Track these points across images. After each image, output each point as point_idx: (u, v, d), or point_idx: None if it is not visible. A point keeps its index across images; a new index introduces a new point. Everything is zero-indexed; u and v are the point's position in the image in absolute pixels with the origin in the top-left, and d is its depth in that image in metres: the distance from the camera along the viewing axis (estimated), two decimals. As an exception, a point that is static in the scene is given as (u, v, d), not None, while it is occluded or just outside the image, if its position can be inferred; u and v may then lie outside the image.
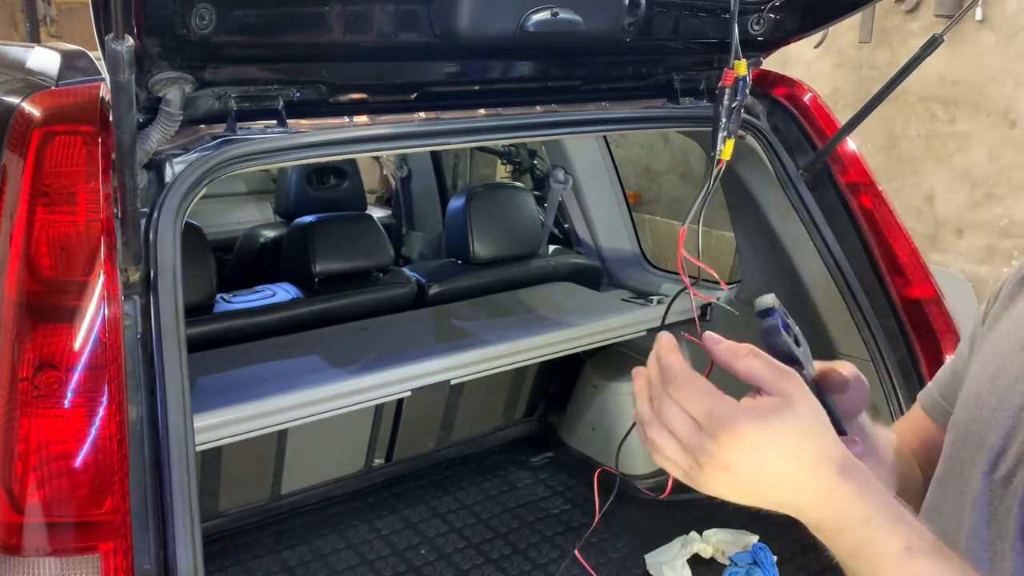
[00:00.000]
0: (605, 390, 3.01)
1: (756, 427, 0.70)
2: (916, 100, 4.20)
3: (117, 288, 1.25)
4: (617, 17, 1.63)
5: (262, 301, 2.61)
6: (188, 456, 1.27)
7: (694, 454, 0.72)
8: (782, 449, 0.71)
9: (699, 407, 0.71)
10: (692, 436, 0.72)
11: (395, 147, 1.85)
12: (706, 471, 0.72)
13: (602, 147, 3.18)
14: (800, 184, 2.11)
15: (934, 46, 1.74)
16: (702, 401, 0.72)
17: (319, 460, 2.74)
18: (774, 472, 0.71)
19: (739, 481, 0.72)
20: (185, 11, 1.28)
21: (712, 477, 0.72)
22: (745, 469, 0.71)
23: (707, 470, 0.71)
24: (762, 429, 0.70)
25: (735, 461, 0.70)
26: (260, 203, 4.54)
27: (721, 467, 0.71)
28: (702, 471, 0.72)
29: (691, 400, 0.72)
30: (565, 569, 2.56)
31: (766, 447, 0.70)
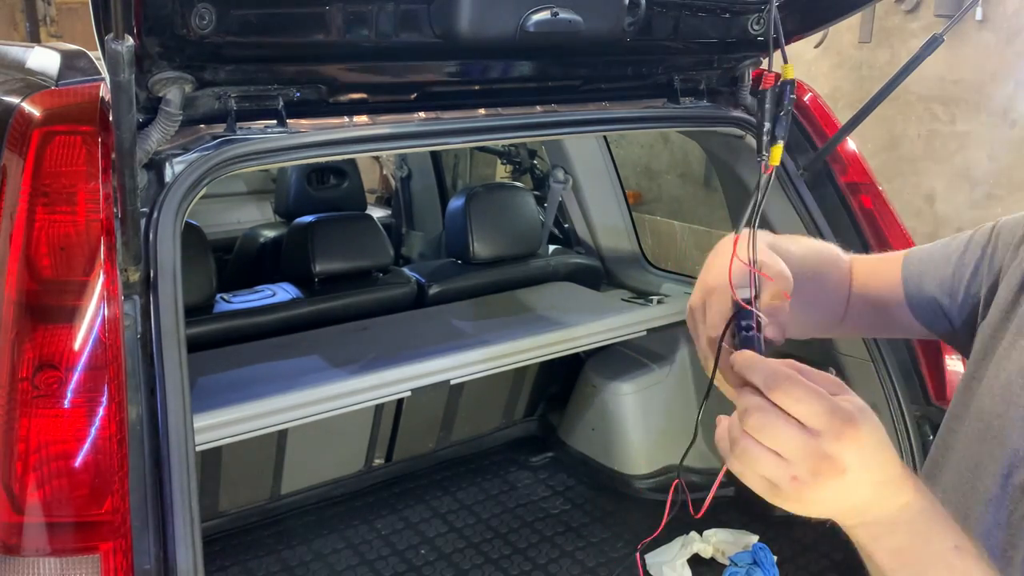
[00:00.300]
0: (605, 390, 3.01)
1: (870, 423, 0.68)
2: (916, 100, 4.20)
3: (117, 288, 1.25)
4: (617, 17, 1.63)
5: (262, 301, 2.61)
6: (188, 456, 1.27)
7: (809, 462, 0.67)
8: (884, 447, 0.69)
9: (817, 407, 0.67)
10: (807, 443, 0.67)
11: (395, 147, 1.85)
12: (821, 479, 0.67)
13: (602, 147, 3.18)
14: (800, 184, 2.11)
15: (934, 46, 1.74)
16: (819, 401, 0.67)
17: (319, 460, 2.74)
18: (874, 473, 0.69)
19: (846, 486, 0.68)
20: (185, 11, 1.28)
21: (823, 486, 0.67)
22: (857, 471, 0.67)
23: (822, 477, 0.67)
24: (877, 427, 0.69)
25: (853, 462, 0.67)
26: (260, 203, 4.54)
27: (839, 471, 0.67)
28: (815, 480, 0.67)
29: (805, 402, 0.67)
30: (565, 569, 2.57)
31: (876, 446, 0.68)
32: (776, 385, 0.68)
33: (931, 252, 1.11)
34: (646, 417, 2.96)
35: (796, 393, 0.68)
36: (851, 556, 1.10)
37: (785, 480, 0.68)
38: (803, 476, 0.67)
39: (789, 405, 0.67)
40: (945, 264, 1.08)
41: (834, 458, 0.66)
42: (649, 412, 2.96)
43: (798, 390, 0.68)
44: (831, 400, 0.68)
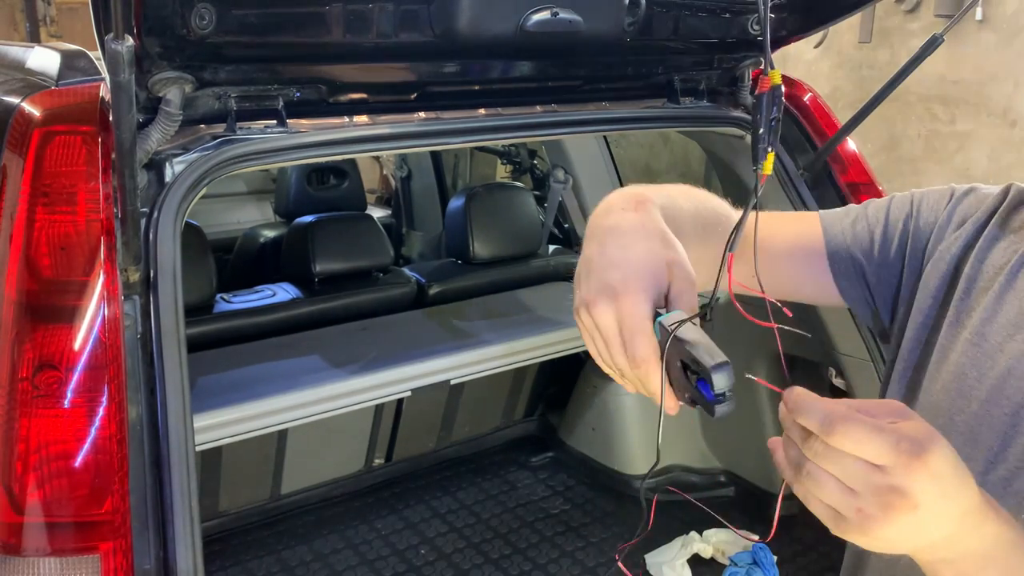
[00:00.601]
0: (605, 390, 3.01)
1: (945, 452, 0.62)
2: (916, 100, 4.19)
3: (117, 288, 1.25)
4: (617, 17, 1.63)
5: (262, 301, 2.61)
6: (188, 456, 1.27)
7: (879, 496, 0.61)
8: (959, 475, 0.63)
9: (880, 445, 0.61)
10: (874, 475, 0.61)
11: (395, 147, 1.85)
12: (893, 514, 0.61)
13: (602, 147, 3.18)
14: (800, 184, 2.11)
15: (934, 46, 1.74)
16: (882, 436, 0.61)
17: (319, 460, 2.74)
18: (952, 505, 0.63)
19: (921, 522, 0.62)
20: (185, 11, 1.28)
21: (894, 521, 0.61)
22: (932, 505, 0.61)
23: (893, 512, 0.61)
24: (949, 454, 0.62)
25: (927, 496, 0.61)
26: (260, 203, 4.54)
27: (911, 506, 0.61)
28: (885, 515, 0.61)
29: (867, 443, 0.61)
30: (565, 569, 2.57)
31: (951, 476, 0.62)
32: (833, 429, 0.62)
33: (847, 211, 1.06)
34: (646, 417, 2.96)
35: (856, 435, 0.61)
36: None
37: (851, 511, 0.62)
38: (871, 509, 0.61)
39: (851, 449, 0.61)
40: (864, 225, 1.03)
41: (906, 492, 0.61)
42: (649, 412, 2.96)
43: (858, 431, 0.61)
44: (895, 431, 0.61)
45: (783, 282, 1.05)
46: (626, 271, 0.77)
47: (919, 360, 0.96)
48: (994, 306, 0.88)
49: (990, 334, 0.87)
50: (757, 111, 0.74)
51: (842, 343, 2.20)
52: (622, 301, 0.75)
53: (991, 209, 0.95)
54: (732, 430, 2.80)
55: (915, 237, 0.99)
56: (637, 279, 0.76)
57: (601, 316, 0.76)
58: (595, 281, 0.78)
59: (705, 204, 0.99)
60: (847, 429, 0.61)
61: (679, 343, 0.71)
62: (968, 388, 0.87)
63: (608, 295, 0.76)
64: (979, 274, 0.92)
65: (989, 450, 0.83)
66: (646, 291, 0.76)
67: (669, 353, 0.73)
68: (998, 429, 0.83)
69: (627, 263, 0.77)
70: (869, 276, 1.02)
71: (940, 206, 0.99)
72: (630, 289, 0.75)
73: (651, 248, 0.79)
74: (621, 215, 0.83)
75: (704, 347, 0.70)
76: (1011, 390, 0.83)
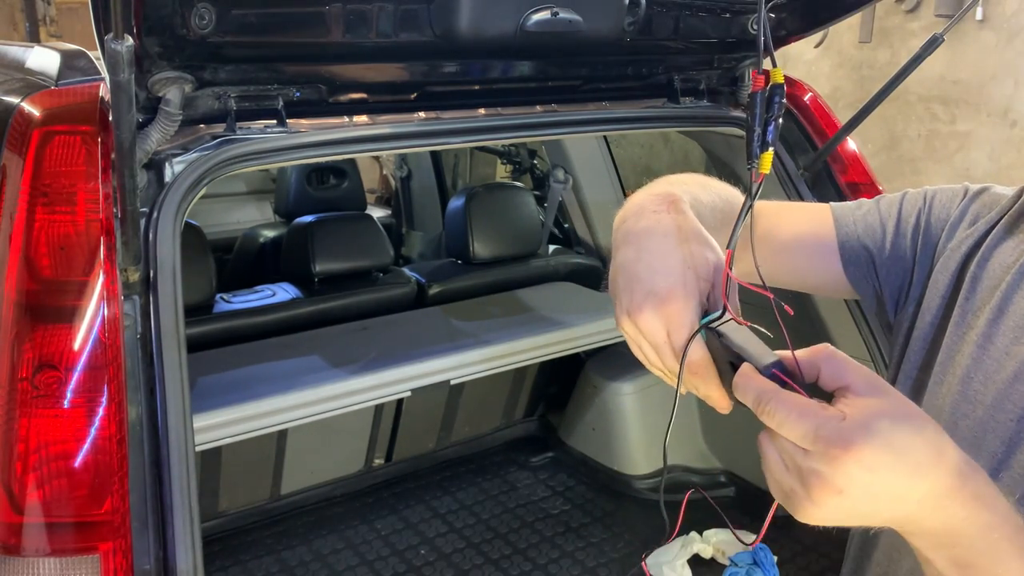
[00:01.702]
0: (605, 390, 3.01)
1: (873, 444, 0.60)
2: (916, 100, 4.19)
3: (117, 288, 1.25)
4: (617, 17, 1.63)
5: (262, 301, 2.61)
6: (188, 456, 1.27)
7: (803, 478, 0.62)
8: (898, 460, 0.61)
9: (799, 430, 0.61)
10: (797, 458, 0.62)
11: (395, 147, 1.85)
12: (815, 496, 0.61)
13: (602, 147, 3.18)
14: (800, 184, 2.11)
15: (934, 46, 1.74)
16: (800, 423, 0.61)
17: (319, 460, 2.74)
18: (892, 487, 0.61)
19: (852, 504, 0.62)
20: (185, 11, 1.28)
21: (821, 503, 0.62)
22: (861, 490, 0.61)
23: (817, 494, 0.61)
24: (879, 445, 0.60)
25: (850, 483, 0.60)
26: (260, 203, 4.54)
27: (834, 491, 0.61)
28: (809, 497, 0.62)
29: (788, 426, 0.62)
30: (565, 569, 2.56)
31: (884, 464, 0.60)
32: (762, 408, 0.63)
33: (860, 203, 1.07)
34: (646, 417, 2.96)
35: (779, 417, 0.62)
36: (851, 556, 1.10)
37: (787, 487, 0.64)
38: (799, 490, 0.62)
39: (776, 429, 0.63)
40: (876, 217, 1.03)
41: (825, 477, 0.61)
42: (649, 412, 2.96)
43: (780, 413, 0.62)
44: (819, 416, 0.61)
45: (791, 270, 1.05)
46: (669, 277, 0.76)
47: (925, 360, 0.95)
48: (1000, 307, 0.87)
49: (996, 337, 0.86)
50: (751, 109, 0.73)
51: (842, 343, 2.20)
52: (669, 308, 0.75)
53: (1004, 210, 0.94)
54: (732, 430, 2.80)
55: (926, 233, 0.99)
56: (681, 284, 0.75)
57: (648, 324, 0.76)
58: (639, 288, 0.77)
59: (720, 195, 0.99)
60: (772, 409, 0.62)
61: (729, 344, 0.71)
62: (974, 392, 0.86)
63: (653, 303, 0.75)
64: (985, 273, 0.91)
65: (993, 456, 0.82)
66: (691, 296, 0.75)
67: (718, 355, 0.73)
68: (1003, 435, 0.82)
69: (669, 269, 0.76)
70: (879, 268, 1.02)
71: (953, 203, 0.99)
72: (676, 296, 0.75)
73: (693, 251, 0.78)
74: (655, 217, 0.82)
75: (755, 345, 0.70)
76: (1017, 395, 0.82)
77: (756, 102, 0.72)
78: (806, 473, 0.61)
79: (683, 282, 0.75)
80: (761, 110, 0.72)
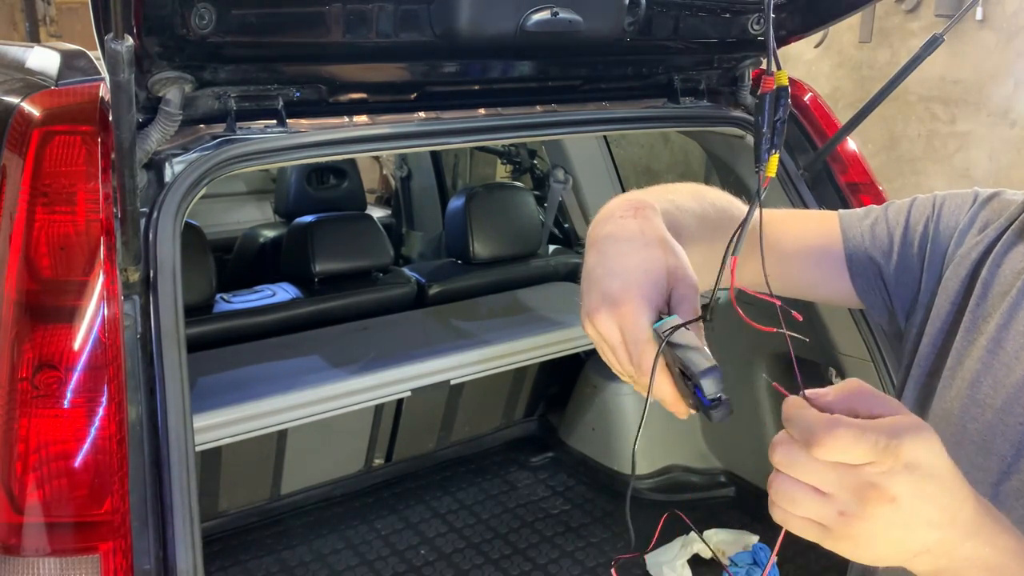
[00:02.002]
0: (605, 390, 3.01)
1: (920, 442, 0.60)
2: (916, 100, 4.19)
3: (117, 288, 1.25)
4: (617, 17, 1.63)
5: (262, 301, 2.61)
6: (188, 456, 1.27)
7: (853, 491, 0.60)
8: (940, 465, 0.61)
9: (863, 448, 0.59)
10: (847, 472, 0.60)
11: (395, 147, 1.85)
12: (870, 507, 0.59)
13: (602, 147, 3.18)
14: (800, 184, 2.11)
15: (934, 46, 1.74)
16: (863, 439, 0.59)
17: (319, 460, 2.74)
18: (935, 499, 0.61)
19: (901, 517, 0.60)
20: (185, 11, 1.28)
21: (874, 516, 0.60)
22: (909, 493, 0.59)
23: (870, 505, 0.59)
24: (925, 444, 0.60)
25: (901, 485, 0.59)
26: (260, 203, 4.54)
27: (887, 498, 0.59)
28: (863, 510, 0.60)
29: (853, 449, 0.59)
30: (565, 569, 2.57)
31: (932, 463, 0.60)
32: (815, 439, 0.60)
33: (868, 211, 1.05)
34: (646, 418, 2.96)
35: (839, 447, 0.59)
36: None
37: (831, 517, 0.60)
38: (850, 508, 0.60)
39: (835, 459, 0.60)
40: (883, 227, 1.02)
41: (878, 485, 0.59)
42: (649, 412, 2.96)
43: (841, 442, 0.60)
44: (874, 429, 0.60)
45: (797, 281, 1.05)
46: (625, 279, 0.76)
47: (934, 365, 0.95)
48: (1011, 312, 0.87)
49: (1006, 341, 0.86)
50: (760, 112, 0.73)
51: (842, 343, 2.20)
52: (623, 310, 0.75)
53: (1013, 216, 0.93)
54: (732, 430, 2.80)
55: (935, 240, 0.98)
56: (636, 287, 0.76)
57: (603, 326, 0.76)
58: (596, 291, 0.77)
59: (714, 203, 0.99)
60: (830, 441, 0.60)
61: (675, 349, 0.71)
62: (983, 396, 0.86)
63: (609, 304, 0.76)
64: (995, 279, 0.90)
65: (1002, 460, 0.82)
66: (646, 298, 0.75)
67: (669, 359, 0.73)
68: (1012, 439, 0.82)
69: (626, 271, 0.77)
70: (887, 278, 1.01)
71: (962, 210, 0.98)
72: (630, 297, 0.75)
73: (651, 255, 0.78)
74: (620, 223, 0.82)
75: (695, 352, 0.70)
76: None
77: (765, 105, 0.72)
78: (857, 487, 0.60)
79: (638, 285, 0.76)
80: (770, 113, 0.72)
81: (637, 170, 5.67)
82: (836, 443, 0.59)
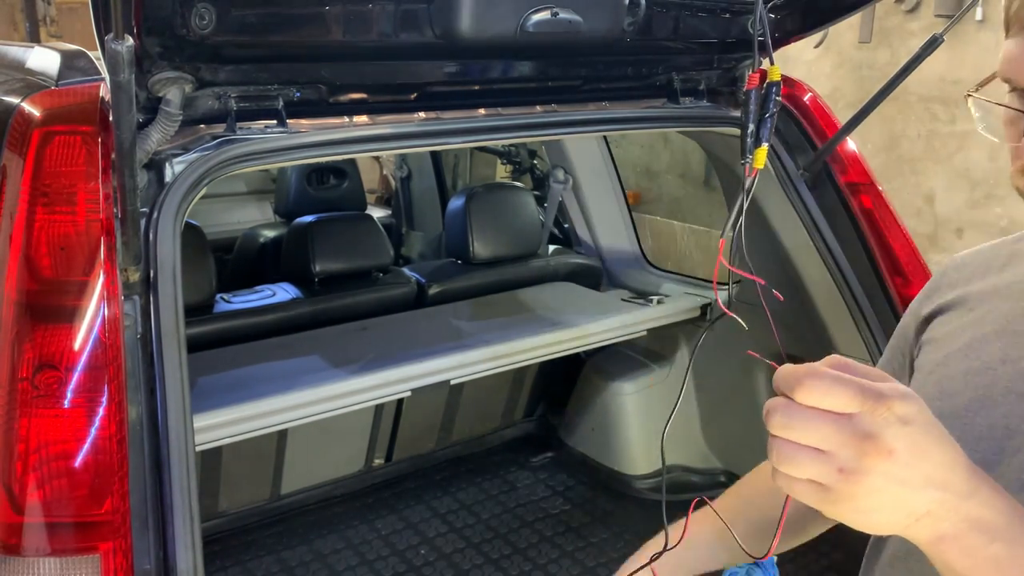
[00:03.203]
0: (605, 390, 3.01)
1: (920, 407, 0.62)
2: (916, 100, 4.19)
3: (117, 288, 1.25)
4: (617, 17, 1.63)
5: (262, 301, 2.61)
6: (188, 456, 1.27)
7: (851, 445, 0.61)
8: (931, 424, 0.62)
9: (847, 393, 0.61)
10: (843, 425, 0.61)
11: (395, 147, 1.85)
12: (869, 460, 0.60)
13: (602, 147, 3.18)
14: (800, 184, 2.11)
15: (934, 46, 1.74)
16: (848, 385, 0.61)
17: (319, 460, 2.74)
18: (932, 455, 0.62)
19: (901, 471, 0.61)
20: (185, 11, 1.28)
21: (874, 470, 0.60)
22: (906, 447, 0.60)
23: (869, 458, 0.60)
24: (924, 410, 0.62)
25: (900, 441, 0.60)
26: (260, 203, 4.54)
27: (886, 451, 0.60)
28: (862, 464, 0.60)
29: (833, 392, 0.61)
30: (565, 569, 2.57)
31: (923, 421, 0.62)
32: (798, 384, 0.62)
33: None
34: (646, 417, 2.96)
35: (821, 386, 0.61)
36: (851, 556, 1.10)
37: (832, 475, 0.61)
38: (849, 463, 0.60)
39: (818, 402, 0.61)
40: None
41: (876, 435, 0.60)
42: (649, 412, 2.96)
43: (822, 381, 0.61)
44: (860, 381, 0.61)
45: None
46: None
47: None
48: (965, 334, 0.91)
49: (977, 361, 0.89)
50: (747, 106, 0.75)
51: (842, 343, 2.20)
52: None
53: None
54: (732, 430, 2.80)
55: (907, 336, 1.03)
56: None
57: None
58: None
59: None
60: (811, 382, 0.61)
61: None
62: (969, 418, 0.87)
63: None
64: None
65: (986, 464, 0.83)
66: None
67: None
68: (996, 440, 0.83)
69: None
70: None
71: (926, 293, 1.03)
72: None
73: None
74: None
75: None
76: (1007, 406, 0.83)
77: (751, 99, 0.74)
78: (855, 439, 0.60)
79: None
80: (756, 107, 0.74)
81: (637, 170, 5.67)
82: (818, 384, 0.61)
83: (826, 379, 0.62)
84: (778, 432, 0.63)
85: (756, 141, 0.75)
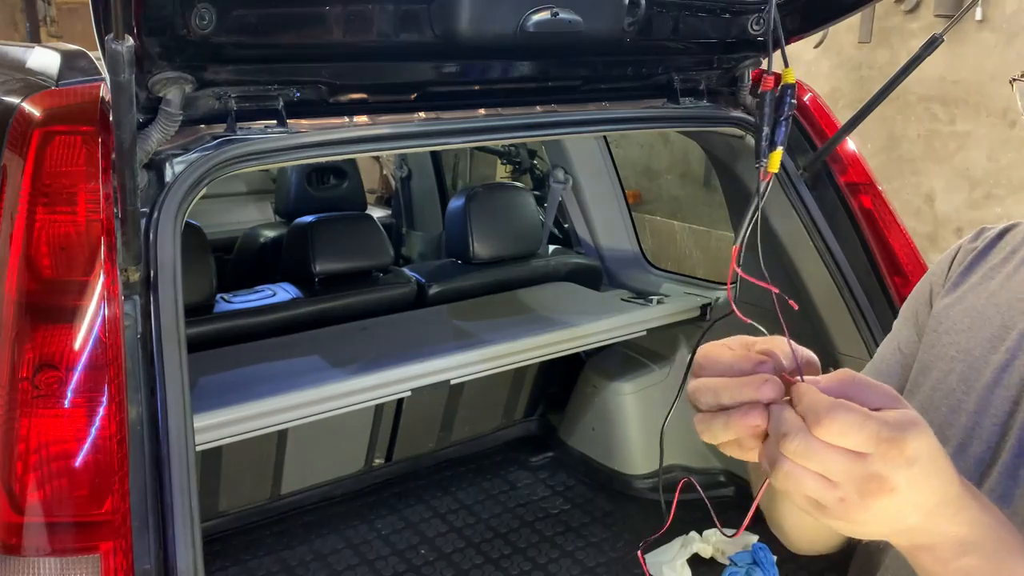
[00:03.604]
0: (605, 390, 3.01)
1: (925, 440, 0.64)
2: (916, 100, 4.20)
3: (117, 288, 1.25)
4: (617, 17, 1.63)
5: (262, 301, 2.61)
6: (188, 456, 1.27)
7: (857, 483, 0.63)
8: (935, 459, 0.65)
9: (863, 437, 0.63)
10: (854, 465, 0.63)
11: (395, 147, 1.85)
12: (870, 498, 0.63)
13: (602, 147, 3.18)
14: (800, 184, 2.11)
15: (934, 46, 1.74)
16: (866, 429, 0.63)
17: (319, 460, 2.74)
18: (927, 488, 0.65)
19: (898, 505, 0.64)
20: (185, 11, 1.28)
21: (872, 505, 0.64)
22: (907, 486, 0.64)
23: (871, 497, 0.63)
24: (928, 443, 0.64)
25: (902, 481, 0.63)
26: (260, 203, 4.54)
27: (888, 490, 0.63)
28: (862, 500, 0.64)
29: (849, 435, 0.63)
30: (565, 569, 2.57)
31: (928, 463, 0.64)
32: (818, 421, 0.63)
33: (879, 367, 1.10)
34: (646, 417, 2.96)
35: (842, 426, 0.63)
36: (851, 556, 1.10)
37: (832, 501, 0.64)
38: (851, 496, 0.64)
39: (836, 440, 0.63)
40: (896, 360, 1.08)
41: (884, 478, 0.63)
42: (649, 412, 2.96)
43: (844, 422, 0.63)
44: (878, 419, 0.63)
45: None
46: None
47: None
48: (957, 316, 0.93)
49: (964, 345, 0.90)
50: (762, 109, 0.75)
51: (842, 343, 2.20)
52: None
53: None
54: (732, 430, 2.80)
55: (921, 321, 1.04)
56: None
57: None
58: None
59: None
60: (833, 424, 0.63)
61: None
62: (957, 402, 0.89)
63: None
64: None
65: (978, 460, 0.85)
66: None
67: None
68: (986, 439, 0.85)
69: None
70: None
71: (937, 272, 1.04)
72: None
73: None
74: None
75: None
76: (999, 400, 0.85)
77: (766, 101, 0.74)
78: (862, 479, 0.63)
79: None
80: (771, 110, 0.74)
81: (637, 170, 5.67)
82: (837, 425, 0.63)
83: (848, 421, 0.63)
84: (792, 458, 0.65)
85: (771, 144, 0.75)
